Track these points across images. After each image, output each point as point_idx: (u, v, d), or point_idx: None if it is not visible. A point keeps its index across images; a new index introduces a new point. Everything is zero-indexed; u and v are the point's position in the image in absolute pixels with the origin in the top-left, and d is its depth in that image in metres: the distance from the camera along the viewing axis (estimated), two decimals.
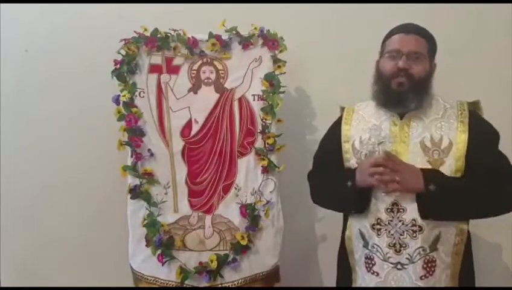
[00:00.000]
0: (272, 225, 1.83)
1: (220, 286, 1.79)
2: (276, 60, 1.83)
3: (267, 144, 1.82)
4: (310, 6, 2.09)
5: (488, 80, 2.04)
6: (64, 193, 2.15)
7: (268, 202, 1.81)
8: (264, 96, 1.83)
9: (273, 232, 1.83)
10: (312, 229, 2.15)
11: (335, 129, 1.55)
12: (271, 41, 1.82)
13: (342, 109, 1.59)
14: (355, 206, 1.40)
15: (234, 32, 1.83)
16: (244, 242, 1.77)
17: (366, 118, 1.48)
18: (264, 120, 1.83)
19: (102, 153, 2.07)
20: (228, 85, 1.86)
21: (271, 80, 1.82)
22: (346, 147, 1.47)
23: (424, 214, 1.30)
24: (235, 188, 1.84)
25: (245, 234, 1.79)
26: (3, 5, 2.13)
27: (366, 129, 1.44)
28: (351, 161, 1.45)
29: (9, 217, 2.16)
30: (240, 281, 1.80)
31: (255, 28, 1.84)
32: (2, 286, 2.14)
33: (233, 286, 1.79)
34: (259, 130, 1.83)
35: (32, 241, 2.16)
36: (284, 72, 1.84)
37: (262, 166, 1.82)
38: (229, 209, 1.83)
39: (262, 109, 1.83)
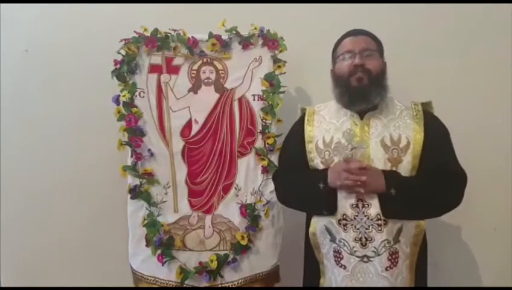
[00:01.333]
0: (271, 225, 1.83)
1: (220, 286, 1.79)
2: (276, 60, 1.84)
3: (267, 144, 1.83)
4: (310, 6, 2.09)
5: (486, 80, 2.05)
6: (65, 193, 2.15)
7: (268, 202, 1.81)
8: (264, 96, 1.83)
9: (273, 232, 1.83)
10: None
11: (297, 130, 1.59)
12: (271, 41, 1.83)
13: (303, 109, 1.65)
14: (327, 207, 1.42)
15: (234, 32, 1.83)
16: (244, 242, 1.77)
17: (327, 119, 1.54)
18: (264, 120, 1.83)
19: (102, 153, 2.07)
20: (228, 85, 1.86)
21: (271, 80, 1.82)
22: (309, 147, 1.51)
23: (386, 214, 1.36)
24: (235, 188, 1.84)
25: (245, 234, 1.79)
26: (3, 5, 2.13)
27: (330, 130, 1.49)
28: (315, 161, 1.49)
29: (10, 217, 2.16)
30: (239, 281, 1.80)
31: (255, 28, 1.84)
32: (2, 286, 2.14)
33: (233, 286, 1.79)
34: (259, 130, 1.83)
35: (32, 241, 2.16)
36: (284, 72, 1.84)
37: (262, 166, 1.82)
38: (229, 209, 1.83)
39: (262, 109, 1.83)
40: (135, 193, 1.78)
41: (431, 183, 1.37)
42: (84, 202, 2.15)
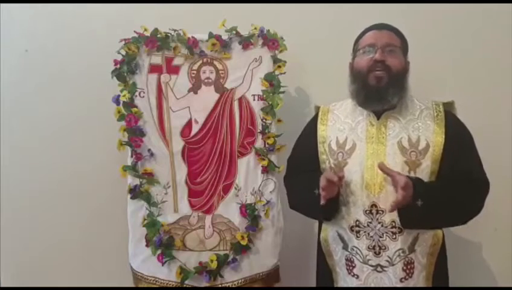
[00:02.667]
0: (272, 225, 1.83)
1: (220, 286, 1.79)
2: (276, 60, 1.83)
3: (267, 144, 1.82)
4: (309, 6, 2.09)
5: (487, 80, 2.05)
6: (65, 193, 2.15)
7: (268, 202, 1.81)
8: (264, 96, 1.82)
9: (273, 232, 1.83)
10: (312, 229, 2.14)
11: (310, 130, 1.54)
12: (271, 41, 1.82)
13: (317, 108, 1.59)
14: (322, 214, 1.39)
15: (234, 32, 1.83)
16: (244, 242, 1.77)
17: (342, 118, 1.47)
18: (264, 120, 1.83)
19: (102, 153, 2.07)
20: (228, 85, 1.86)
21: (271, 80, 1.82)
22: (322, 148, 1.45)
23: (406, 225, 1.29)
24: (235, 188, 1.83)
25: (245, 234, 1.79)
26: (3, 5, 2.13)
27: (344, 130, 1.43)
28: (327, 163, 1.43)
29: (10, 217, 2.16)
30: (240, 281, 1.80)
31: (255, 28, 1.83)
32: (2, 286, 2.14)
33: (233, 286, 1.79)
34: (259, 130, 1.83)
35: (32, 241, 2.16)
36: (284, 72, 1.83)
37: (262, 166, 1.82)
38: (229, 209, 1.83)
39: (262, 109, 1.83)
40: (135, 193, 1.78)
41: (452, 191, 1.30)
42: (84, 202, 2.15)
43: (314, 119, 1.55)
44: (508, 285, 2.04)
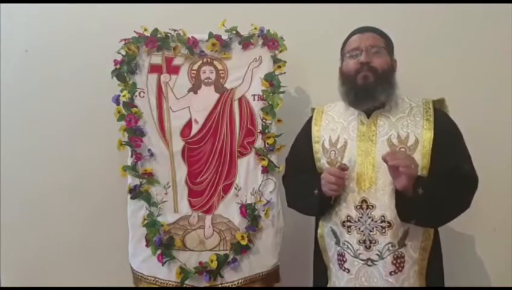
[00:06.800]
0: (272, 225, 1.83)
1: (220, 286, 1.79)
2: (276, 60, 1.84)
3: (267, 144, 1.83)
4: (309, 6, 2.09)
5: (487, 79, 2.05)
6: (65, 193, 2.15)
7: (268, 202, 1.81)
8: (264, 96, 1.83)
9: (273, 232, 1.83)
10: (312, 229, 2.15)
11: (306, 131, 1.59)
12: (271, 41, 1.82)
13: (312, 110, 1.64)
14: (319, 211, 1.45)
15: (234, 32, 1.83)
16: (244, 242, 1.77)
17: (336, 119, 1.53)
18: (264, 120, 1.83)
19: (102, 153, 2.07)
20: (228, 85, 1.86)
21: (271, 80, 1.82)
22: (316, 147, 1.51)
23: (405, 217, 1.30)
24: (235, 188, 1.84)
25: (245, 234, 1.79)
26: (3, 5, 2.13)
27: (337, 130, 1.48)
28: (322, 161, 1.48)
29: (10, 217, 2.16)
30: (240, 281, 1.80)
31: (255, 28, 1.84)
32: (2, 286, 2.14)
33: (233, 286, 1.79)
34: (259, 130, 1.83)
35: (33, 241, 2.16)
36: (284, 72, 1.84)
37: (262, 166, 1.82)
38: (229, 209, 1.83)
39: (262, 109, 1.83)
40: (135, 193, 1.78)
41: (444, 187, 1.31)
42: (84, 202, 2.15)
43: (309, 121, 1.60)
44: (508, 285, 2.04)
